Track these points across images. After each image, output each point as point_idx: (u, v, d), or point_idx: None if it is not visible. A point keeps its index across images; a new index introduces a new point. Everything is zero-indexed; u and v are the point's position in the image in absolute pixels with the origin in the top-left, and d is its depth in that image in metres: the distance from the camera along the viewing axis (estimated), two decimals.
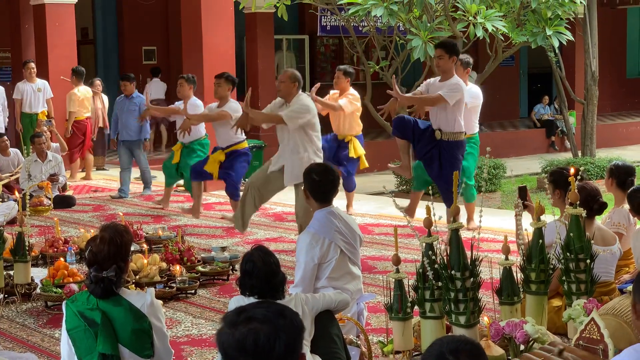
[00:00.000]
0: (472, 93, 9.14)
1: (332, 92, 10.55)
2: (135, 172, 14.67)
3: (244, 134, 10.09)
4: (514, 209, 6.06)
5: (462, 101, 8.41)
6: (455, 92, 8.32)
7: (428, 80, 8.86)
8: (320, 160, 8.42)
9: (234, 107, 9.98)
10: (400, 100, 8.55)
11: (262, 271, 4.48)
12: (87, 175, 14.32)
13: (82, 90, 14.36)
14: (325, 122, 10.01)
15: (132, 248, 7.89)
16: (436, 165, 8.42)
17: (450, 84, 8.36)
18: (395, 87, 8.49)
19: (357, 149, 10.34)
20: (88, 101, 14.53)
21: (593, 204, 5.88)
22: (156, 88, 17.92)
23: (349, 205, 10.61)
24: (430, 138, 8.46)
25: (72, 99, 14.24)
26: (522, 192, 6.13)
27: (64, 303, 4.34)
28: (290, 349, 2.58)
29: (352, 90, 10.34)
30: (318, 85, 10.53)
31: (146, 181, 12.62)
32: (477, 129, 9.54)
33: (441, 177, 8.41)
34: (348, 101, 10.15)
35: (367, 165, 10.75)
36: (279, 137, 8.74)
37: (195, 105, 10.71)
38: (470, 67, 9.49)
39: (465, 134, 8.75)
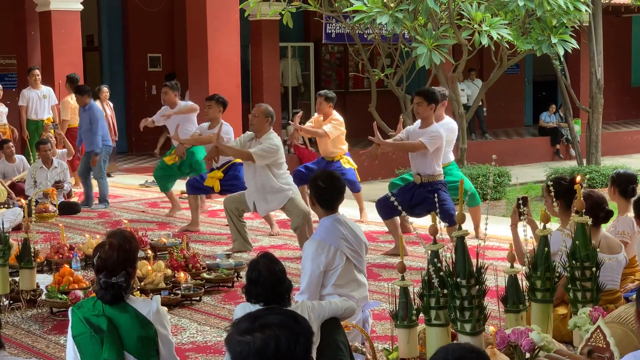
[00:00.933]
0: (449, 128, 9.13)
1: (315, 115, 10.70)
2: (140, 179, 14.71)
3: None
4: (512, 218, 6.08)
5: (441, 148, 8.44)
6: (435, 140, 8.34)
7: (408, 127, 8.86)
8: (290, 191, 8.75)
9: (227, 130, 10.09)
10: (382, 146, 8.57)
11: (267, 279, 4.48)
12: (77, 180, 14.15)
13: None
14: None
15: (138, 255, 7.93)
16: (426, 204, 8.37)
17: (431, 132, 8.36)
18: (377, 134, 8.50)
19: (349, 162, 10.47)
20: None
21: (599, 212, 5.88)
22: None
23: (361, 210, 10.64)
24: (414, 193, 8.45)
25: (65, 107, 14.24)
26: (523, 203, 6.10)
27: (70, 309, 4.35)
28: (308, 353, 2.59)
29: (335, 115, 10.43)
30: (300, 113, 10.76)
31: (102, 196, 12.14)
32: (452, 158, 9.51)
33: (440, 205, 8.35)
34: (332, 127, 10.28)
35: (359, 179, 10.79)
36: (245, 171, 8.96)
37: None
38: (447, 99, 9.47)
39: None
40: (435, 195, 6.74)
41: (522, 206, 5.80)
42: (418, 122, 8.65)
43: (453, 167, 9.46)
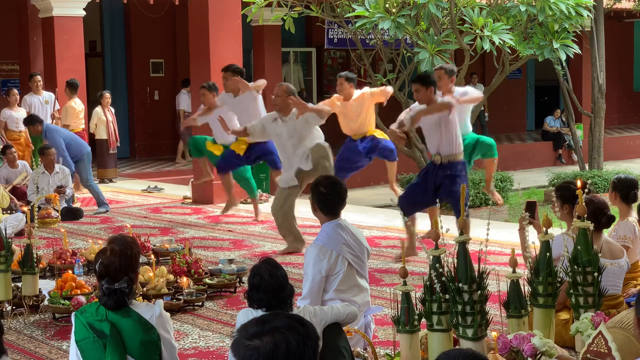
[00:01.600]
0: (460, 92, 9.08)
1: (335, 95, 10.33)
2: (143, 184, 14.72)
3: None
4: (520, 222, 6.05)
5: (455, 117, 8.34)
6: (449, 99, 8.28)
7: (412, 105, 8.69)
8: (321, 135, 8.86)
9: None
10: (408, 125, 8.48)
11: (269, 284, 4.48)
12: (79, 185, 14.13)
13: (78, 103, 14.39)
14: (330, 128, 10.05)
15: (140, 260, 7.94)
16: (445, 189, 8.33)
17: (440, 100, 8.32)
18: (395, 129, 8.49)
19: (382, 134, 10.31)
20: (84, 113, 14.54)
21: (601, 217, 5.88)
22: (185, 99, 17.81)
23: (391, 181, 10.57)
24: (435, 176, 8.37)
25: (68, 112, 14.26)
26: (531, 208, 6.10)
27: (73, 314, 4.35)
28: (316, 355, 2.60)
29: (357, 91, 10.12)
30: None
31: (98, 201, 12.13)
32: (470, 129, 9.50)
33: (452, 194, 8.33)
34: (370, 94, 10.07)
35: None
36: (281, 143, 9.01)
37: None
38: (455, 75, 9.29)
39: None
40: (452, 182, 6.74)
41: (526, 211, 5.80)
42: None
43: (468, 136, 9.37)
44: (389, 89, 10.18)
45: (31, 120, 12.44)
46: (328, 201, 5.65)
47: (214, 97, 11.08)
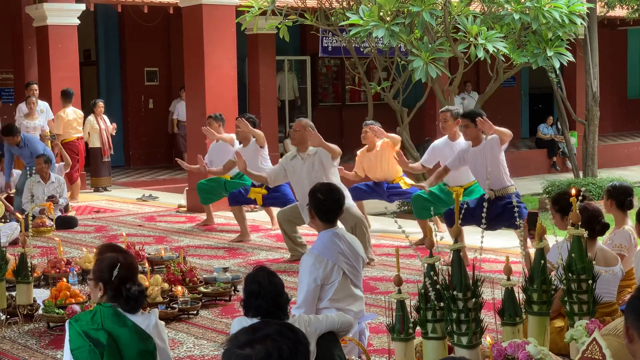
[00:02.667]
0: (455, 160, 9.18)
1: (358, 152, 10.68)
2: (137, 193, 14.71)
3: None
4: (520, 234, 6.05)
5: (501, 153, 8.43)
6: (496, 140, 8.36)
7: (460, 153, 8.77)
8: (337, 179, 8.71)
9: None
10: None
11: (268, 291, 4.47)
12: (74, 194, 14.13)
13: (70, 112, 14.38)
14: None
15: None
16: (504, 218, 8.33)
17: (494, 139, 8.35)
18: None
19: (407, 183, 10.53)
20: (77, 122, 14.53)
21: (595, 225, 5.88)
22: (182, 108, 17.76)
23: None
24: (495, 211, 8.35)
25: (58, 121, 14.26)
26: (532, 219, 6.07)
27: (67, 322, 4.33)
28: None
29: (379, 140, 10.43)
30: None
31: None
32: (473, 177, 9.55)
33: (506, 220, 8.39)
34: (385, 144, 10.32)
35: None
36: (296, 182, 8.92)
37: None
38: (460, 117, 9.40)
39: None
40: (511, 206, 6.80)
41: (528, 223, 5.80)
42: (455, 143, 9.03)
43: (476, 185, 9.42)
44: (395, 137, 10.37)
45: (11, 131, 12.38)
46: (325, 207, 5.65)
47: (220, 126, 11.12)
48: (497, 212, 8.26)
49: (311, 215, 5.73)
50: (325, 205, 5.66)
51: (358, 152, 10.69)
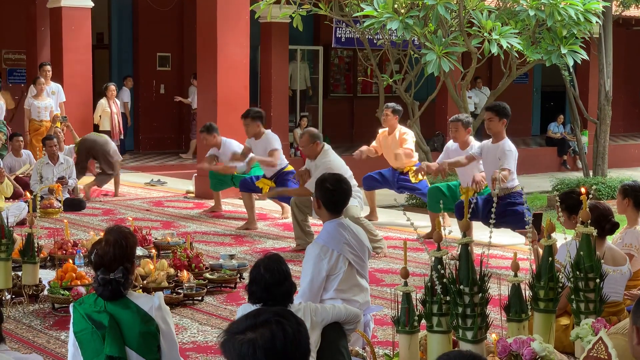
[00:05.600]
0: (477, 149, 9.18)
1: (380, 130, 10.84)
2: (146, 177, 14.72)
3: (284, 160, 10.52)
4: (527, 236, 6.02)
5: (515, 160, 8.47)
6: (511, 158, 8.36)
7: (481, 144, 8.80)
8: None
9: (271, 140, 10.43)
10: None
11: (263, 279, 4.47)
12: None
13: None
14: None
15: (141, 253, 7.94)
16: (504, 218, 8.34)
17: (504, 152, 8.36)
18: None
19: (416, 177, 10.51)
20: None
21: (605, 224, 5.85)
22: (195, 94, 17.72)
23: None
24: (490, 205, 8.38)
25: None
26: (537, 221, 6.04)
27: (71, 305, 4.35)
28: (308, 342, 2.60)
29: (402, 129, 10.65)
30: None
31: None
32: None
33: (511, 223, 8.42)
34: (403, 151, 10.52)
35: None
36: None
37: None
38: (471, 125, 9.55)
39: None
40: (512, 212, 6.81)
41: (533, 224, 5.77)
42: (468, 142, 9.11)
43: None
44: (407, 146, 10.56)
45: None
46: (334, 197, 5.63)
47: (215, 137, 11.12)
48: (499, 210, 8.25)
49: (318, 204, 5.70)
50: (334, 195, 5.63)
51: (380, 131, 10.91)
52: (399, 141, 10.56)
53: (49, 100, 14.23)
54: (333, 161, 8.80)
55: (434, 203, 9.47)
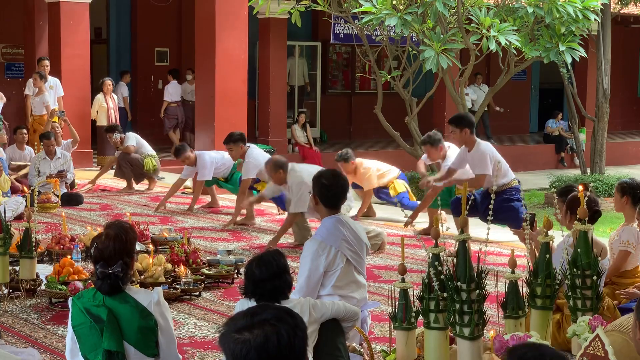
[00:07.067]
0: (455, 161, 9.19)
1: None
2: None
3: None
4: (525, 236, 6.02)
5: (493, 162, 8.45)
6: (485, 161, 8.39)
7: (458, 154, 8.85)
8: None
9: (254, 156, 10.35)
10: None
11: (252, 274, 4.50)
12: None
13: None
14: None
15: (138, 248, 7.94)
16: (499, 214, 8.38)
17: (479, 158, 8.41)
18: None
19: (395, 188, 10.75)
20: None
21: (589, 212, 5.84)
22: (174, 90, 17.84)
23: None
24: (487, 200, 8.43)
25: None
26: (530, 222, 6.03)
27: (70, 299, 4.36)
28: (305, 346, 2.60)
29: (360, 167, 10.81)
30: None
31: None
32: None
33: (505, 220, 8.48)
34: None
35: (414, 199, 10.90)
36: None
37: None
38: (442, 142, 9.63)
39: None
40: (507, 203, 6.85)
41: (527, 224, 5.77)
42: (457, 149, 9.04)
43: None
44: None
45: None
46: (330, 193, 5.61)
47: (189, 156, 11.17)
48: (495, 207, 8.27)
49: (315, 201, 5.67)
50: (330, 190, 5.61)
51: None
52: (361, 178, 10.77)
53: (45, 95, 14.22)
54: (300, 175, 8.92)
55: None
